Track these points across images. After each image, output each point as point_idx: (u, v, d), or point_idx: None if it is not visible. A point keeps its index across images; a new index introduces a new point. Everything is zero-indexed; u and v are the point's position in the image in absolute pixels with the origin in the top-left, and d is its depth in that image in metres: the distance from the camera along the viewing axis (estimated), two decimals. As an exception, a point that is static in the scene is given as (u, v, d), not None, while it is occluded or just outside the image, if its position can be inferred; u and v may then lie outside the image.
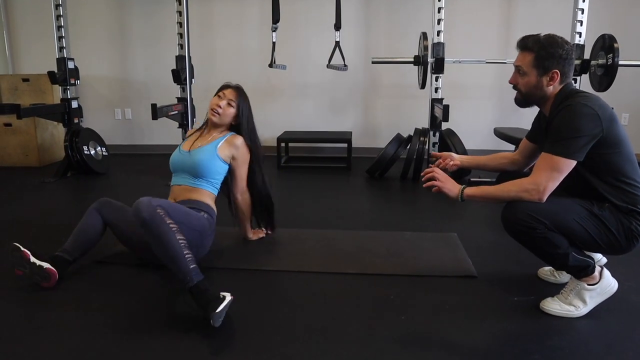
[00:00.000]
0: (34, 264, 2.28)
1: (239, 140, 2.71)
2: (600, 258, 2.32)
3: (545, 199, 1.95)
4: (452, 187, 2.12)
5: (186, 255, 2.04)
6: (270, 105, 5.98)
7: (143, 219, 2.07)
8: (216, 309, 1.84)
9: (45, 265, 2.28)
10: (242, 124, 2.74)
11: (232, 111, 2.70)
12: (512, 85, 2.15)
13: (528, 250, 2.08)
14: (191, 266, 2.03)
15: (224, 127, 2.75)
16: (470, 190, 2.10)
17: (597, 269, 2.06)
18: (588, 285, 2.04)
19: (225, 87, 2.76)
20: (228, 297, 1.92)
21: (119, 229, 2.53)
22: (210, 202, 2.63)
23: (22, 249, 2.29)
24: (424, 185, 2.17)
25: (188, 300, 2.03)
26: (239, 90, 2.75)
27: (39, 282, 2.29)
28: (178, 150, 2.74)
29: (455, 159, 2.41)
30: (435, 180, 2.14)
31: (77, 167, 4.84)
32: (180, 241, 2.07)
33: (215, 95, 2.74)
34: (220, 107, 2.67)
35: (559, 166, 1.92)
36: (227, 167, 2.71)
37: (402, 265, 2.60)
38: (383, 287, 2.35)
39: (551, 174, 1.93)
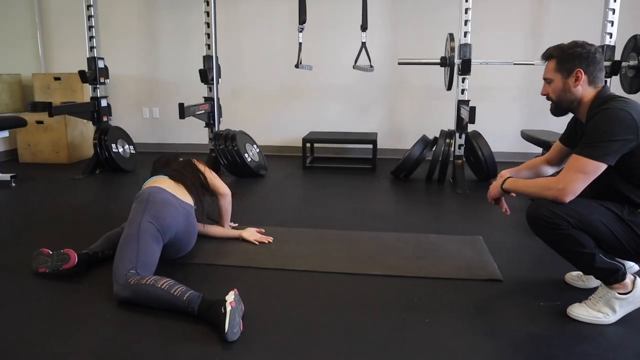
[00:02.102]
0: (53, 253, 2.43)
1: None
2: (632, 265, 2.27)
3: (567, 199, 1.93)
4: (495, 190, 2.24)
5: (175, 293, 2.04)
6: (296, 106, 6.01)
7: (125, 299, 2.13)
8: (225, 330, 1.85)
9: (63, 250, 2.43)
10: None
11: None
12: (545, 97, 2.16)
13: (553, 250, 2.06)
14: (184, 298, 2.02)
15: None
16: (507, 184, 2.17)
17: (630, 277, 2.02)
18: (619, 294, 2.00)
19: None
20: (229, 306, 1.88)
21: None
22: None
23: (41, 249, 2.49)
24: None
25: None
26: None
27: (60, 267, 2.39)
28: None
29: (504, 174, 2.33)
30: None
31: (105, 165, 4.93)
32: (164, 285, 2.07)
33: None
34: None
35: (586, 168, 1.90)
36: None
37: (427, 268, 2.59)
38: (407, 289, 2.35)
39: (576, 175, 1.91)
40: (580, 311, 2.05)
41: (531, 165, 2.38)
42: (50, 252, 2.44)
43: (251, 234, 2.99)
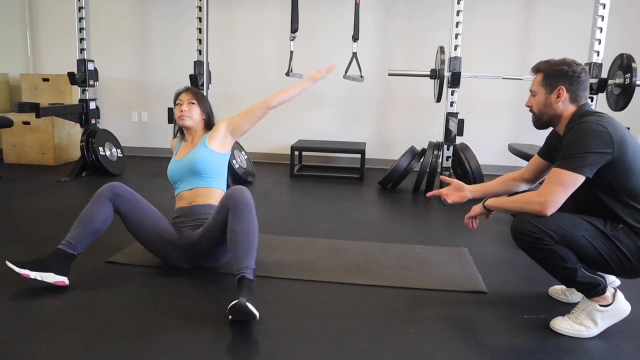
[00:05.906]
0: (39, 281, 2.24)
1: (220, 123, 2.75)
2: (613, 280, 2.29)
3: (548, 212, 1.95)
4: (478, 208, 2.24)
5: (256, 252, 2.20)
6: (285, 114, 5.98)
7: (244, 201, 2.23)
8: (245, 303, 1.93)
9: (51, 279, 2.25)
10: (210, 115, 2.77)
11: (196, 108, 2.69)
12: (529, 109, 2.21)
13: (537, 263, 2.08)
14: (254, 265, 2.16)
15: (199, 127, 2.74)
16: (489, 201, 2.19)
17: (610, 290, 2.04)
18: (600, 306, 2.02)
19: (178, 93, 2.73)
20: (256, 316, 1.97)
21: (134, 224, 2.47)
22: None
23: (17, 270, 2.20)
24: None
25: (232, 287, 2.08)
26: (191, 89, 2.76)
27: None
28: (173, 161, 2.74)
29: (466, 190, 2.40)
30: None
31: (92, 168, 4.90)
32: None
33: (175, 106, 2.72)
34: (184, 111, 2.65)
35: (564, 180, 1.93)
36: (226, 155, 2.72)
37: (412, 279, 2.60)
38: (392, 300, 2.35)
39: (554, 187, 1.95)
40: (563, 324, 2.06)
41: (503, 181, 2.41)
42: (31, 278, 2.21)
43: (316, 73, 2.81)
